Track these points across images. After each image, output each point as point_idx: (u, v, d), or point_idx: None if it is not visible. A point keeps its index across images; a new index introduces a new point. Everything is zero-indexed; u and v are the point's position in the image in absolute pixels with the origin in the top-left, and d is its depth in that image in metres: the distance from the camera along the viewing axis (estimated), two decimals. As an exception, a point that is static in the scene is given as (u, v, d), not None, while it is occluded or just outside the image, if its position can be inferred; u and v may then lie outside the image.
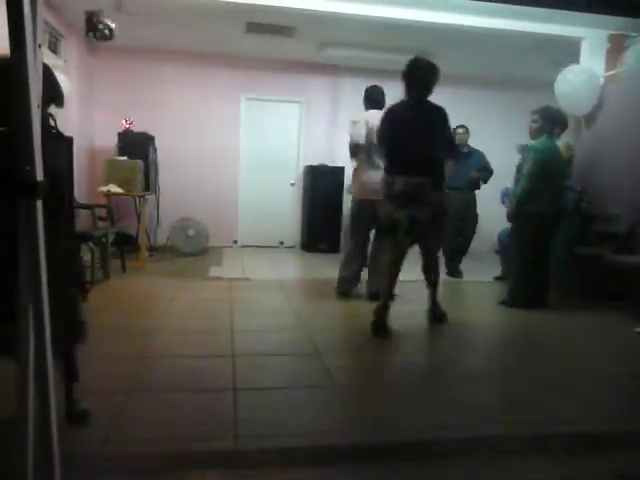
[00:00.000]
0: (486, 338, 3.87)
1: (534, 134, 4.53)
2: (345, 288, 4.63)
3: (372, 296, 4.34)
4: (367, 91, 4.74)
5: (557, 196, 4.38)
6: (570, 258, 4.82)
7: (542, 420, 2.36)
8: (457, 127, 5.93)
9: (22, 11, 1.04)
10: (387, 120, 3.71)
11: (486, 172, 5.92)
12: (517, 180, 4.54)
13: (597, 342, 3.61)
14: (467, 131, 6.01)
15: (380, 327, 3.50)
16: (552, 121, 4.47)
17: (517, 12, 4.90)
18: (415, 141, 3.48)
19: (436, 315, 3.89)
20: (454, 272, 5.94)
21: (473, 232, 6.06)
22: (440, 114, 3.61)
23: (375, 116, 4.27)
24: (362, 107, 7.50)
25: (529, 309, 4.37)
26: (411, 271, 4.03)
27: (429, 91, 3.63)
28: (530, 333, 3.90)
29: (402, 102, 3.68)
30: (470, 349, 3.49)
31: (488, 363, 3.22)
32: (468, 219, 5.94)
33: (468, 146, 5.96)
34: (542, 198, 4.32)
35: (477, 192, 6.03)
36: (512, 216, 4.57)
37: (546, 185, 4.32)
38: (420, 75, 3.64)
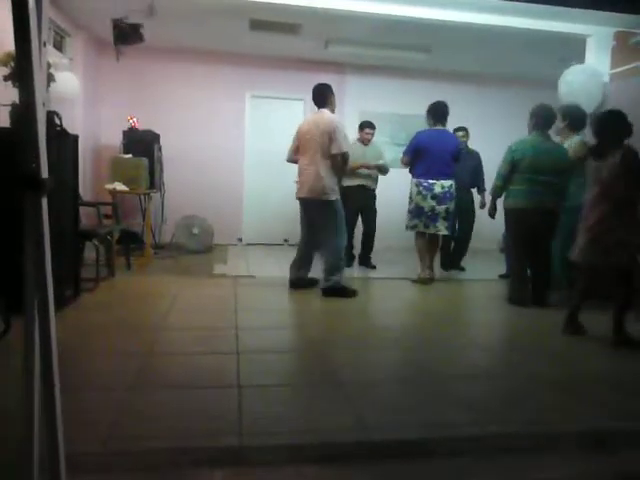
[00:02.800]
0: (479, 335, 3.86)
1: (528, 131, 4.61)
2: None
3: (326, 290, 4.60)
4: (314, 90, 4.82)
5: (539, 192, 4.33)
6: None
7: (544, 418, 2.36)
8: (456, 129, 5.96)
9: (27, 9, 1.04)
10: (428, 140, 5.19)
11: (477, 178, 6.03)
12: None
13: (595, 340, 3.58)
14: (467, 134, 6.05)
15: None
16: (538, 119, 4.47)
17: (522, 9, 4.87)
18: (445, 157, 5.16)
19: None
20: (456, 264, 6.12)
21: (470, 229, 6.08)
22: (457, 140, 5.42)
23: (310, 120, 4.71)
24: (367, 104, 7.49)
25: (527, 307, 4.35)
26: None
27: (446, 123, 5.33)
28: (524, 331, 3.88)
29: (434, 129, 5.27)
30: (468, 346, 3.49)
31: (487, 361, 3.21)
32: (464, 216, 5.99)
33: (466, 147, 5.97)
34: (518, 194, 4.40)
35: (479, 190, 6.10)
36: (490, 212, 4.77)
37: (522, 181, 4.36)
38: (444, 113, 5.27)
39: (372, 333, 3.69)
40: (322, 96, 4.67)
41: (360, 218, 6.14)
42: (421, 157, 5.18)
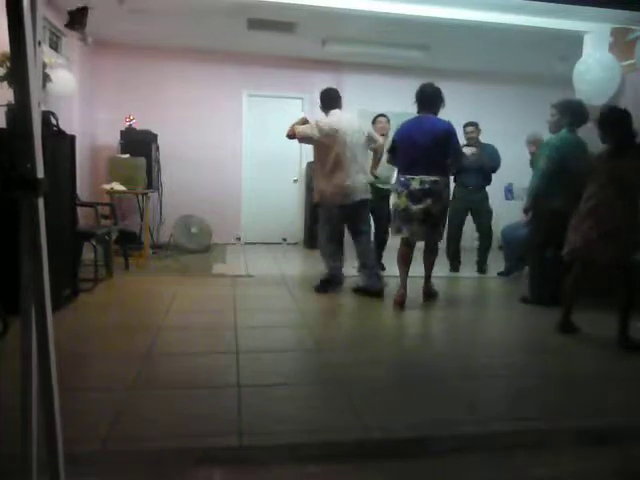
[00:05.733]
0: (492, 334, 3.86)
1: (552, 128, 4.48)
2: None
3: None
4: (322, 94, 4.89)
5: (566, 192, 4.22)
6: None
7: (547, 415, 2.36)
8: (466, 125, 5.91)
9: (21, 8, 1.04)
10: (408, 130, 4.38)
11: (493, 163, 5.80)
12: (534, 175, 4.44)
13: (596, 338, 3.58)
14: (477, 128, 5.93)
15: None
16: (571, 115, 4.32)
17: (519, 6, 4.86)
18: (428, 147, 4.18)
19: (429, 293, 4.58)
20: (480, 267, 5.96)
21: (489, 227, 5.96)
22: (447, 127, 4.27)
23: (331, 121, 4.62)
24: (364, 102, 7.45)
25: (547, 307, 4.25)
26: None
27: (436, 110, 4.41)
28: (537, 330, 3.89)
29: (418, 117, 4.43)
30: (476, 344, 3.49)
31: (494, 359, 3.21)
32: (483, 215, 5.90)
33: (479, 142, 5.89)
34: (559, 195, 4.16)
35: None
36: (527, 211, 4.61)
37: (564, 182, 4.14)
38: (429, 97, 4.41)
39: (373, 331, 3.69)
40: (339, 98, 4.81)
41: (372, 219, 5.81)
42: (400, 151, 4.39)
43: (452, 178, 5.06)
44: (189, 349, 3.09)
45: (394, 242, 5.97)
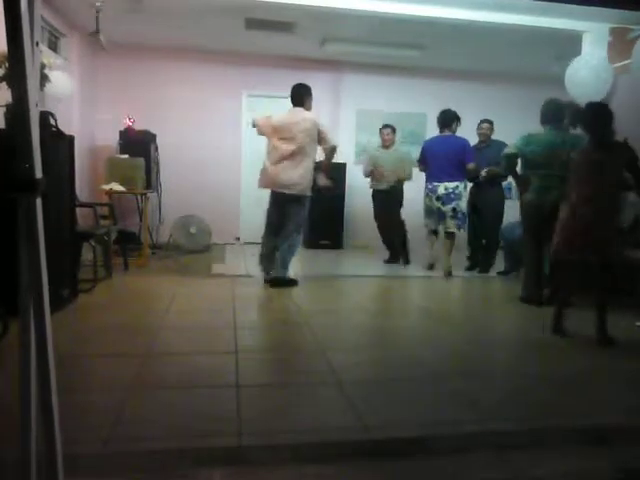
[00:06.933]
0: (485, 333, 3.86)
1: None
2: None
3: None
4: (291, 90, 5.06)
5: (542, 186, 4.28)
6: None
7: (544, 414, 2.36)
8: (482, 121, 5.97)
9: (19, 8, 1.04)
10: (431, 146, 5.76)
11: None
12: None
13: (592, 338, 3.57)
14: (491, 126, 5.96)
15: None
16: (546, 115, 4.44)
17: (518, 6, 4.87)
18: (450, 160, 5.52)
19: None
20: (483, 266, 5.96)
21: (493, 227, 5.90)
22: (462, 142, 5.63)
23: (282, 118, 4.86)
24: (362, 101, 7.48)
25: (542, 306, 4.25)
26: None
27: (454, 129, 5.75)
28: (530, 329, 3.88)
29: (439, 135, 5.80)
30: (471, 343, 3.48)
31: (488, 359, 3.21)
32: (487, 214, 5.86)
33: (489, 139, 5.90)
34: (529, 189, 4.36)
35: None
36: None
37: (547, 178, 4.26)
38: (448, 119, 5.71)
39: (373, 331, 3.69)
40: (299, 96, 4.91)
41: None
42: (427, 162, 5.69)
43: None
44: (189, 349, 3.08)
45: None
